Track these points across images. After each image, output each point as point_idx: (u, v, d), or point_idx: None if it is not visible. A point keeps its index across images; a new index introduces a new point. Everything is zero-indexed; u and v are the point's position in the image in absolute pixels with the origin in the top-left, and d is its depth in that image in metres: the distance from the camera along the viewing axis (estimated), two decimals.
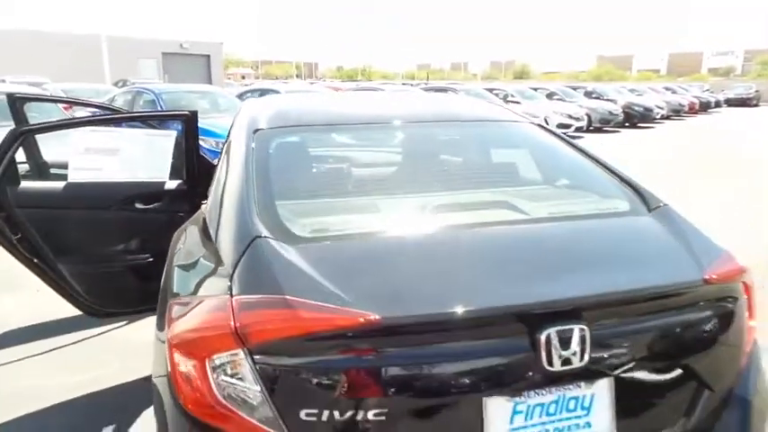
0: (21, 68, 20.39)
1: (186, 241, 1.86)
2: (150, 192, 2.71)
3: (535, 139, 2.22)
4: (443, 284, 1.29)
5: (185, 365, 1.23)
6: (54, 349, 3.19)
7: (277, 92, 11.69)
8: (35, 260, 2.58)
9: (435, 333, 1.21)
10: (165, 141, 2.77)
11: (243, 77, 62.57)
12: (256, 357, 1.16)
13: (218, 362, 1.19)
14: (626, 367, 1.32)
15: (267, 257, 1.32)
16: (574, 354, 1.21)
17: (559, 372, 1.22)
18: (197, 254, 1.66)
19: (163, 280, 1.82)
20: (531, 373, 1.22)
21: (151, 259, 2.75)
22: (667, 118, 21.87)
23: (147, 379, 2.75)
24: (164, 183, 2.75)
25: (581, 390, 1.28)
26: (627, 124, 18.85)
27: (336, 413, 1.15)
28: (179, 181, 2.78)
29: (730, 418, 1.43)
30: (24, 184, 2.56)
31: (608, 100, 19.13)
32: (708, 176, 9.18)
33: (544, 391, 1.25)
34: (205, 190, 2.36)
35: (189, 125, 2.72)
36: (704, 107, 26.33)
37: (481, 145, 2.41)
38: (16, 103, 3.11)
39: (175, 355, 1.25)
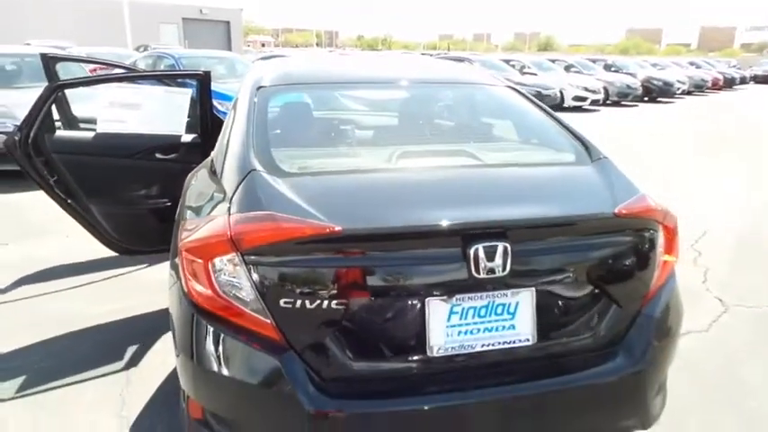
0: (43, 32, 20.77)
1: (197, 180, 2.19)
2: (168, 144, 3.04)
3: (507, 101, 2.48)
4: (397, 207, 1.60)
5: (193, 268, 1.56)
6: (84, 285, 3.60)
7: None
8: (69, 201, 2.94)
9: (386, 242, 1.52)
10: (181, 99, 3.08)
11: (263, 45, 62.38)
12: (247, 258, 1.48)
13: (218, 264, 1.51)
14: (545, 281, 1.61)
15: (259, 185, 1.64)
16: (497, 265, 1.51)
17: (484, 279, 1.51)
18: (205, 188, 1.99)
19: (177, 214, 2.16)
20: (462, 280, 1.52)
21: (169, 204, 3.10)
22: (689, 93, 21.54)
23: (167, 310, 3.16)
24: (180, 136, 3.07)
25: (507, 298, 1.59)
26: (646, 98, 18.68)
27: (307, 302, 1.47)
28: (194, 135, 3.10)
29: (638, 332, 1.72)
30: (59, 132, 2.91)
31: (627, 73, 18.92)
32: (701, 153, 9.28)
33: (476, 297, 1.56)
34: (216, 142, 2.68)
35: (203, 84, 3.02)
36: (729, 83, 25.78)
37: (458, 104, 2.68)
38: (49, 63, 3.43)
39: (185, 260, 1.58)
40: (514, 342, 1.60)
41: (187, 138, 3.09)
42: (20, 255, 4.08)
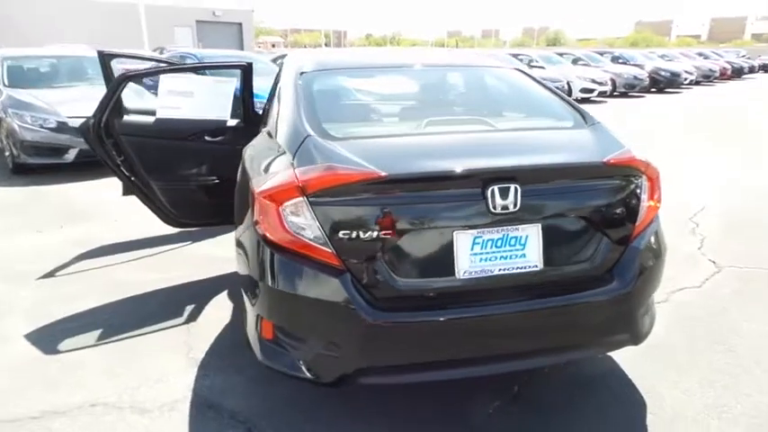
0: (62, 36, 21.33)
1: (254, 151, 2.59)
2: (216, 128, 3.44)
3: (515, 80, 2.86)
4: (428, 159, 1.98)
5: (267, 211, 1.95)
6: (137, 258, 4.04)
7: None
8: (132, 179, 3.36)
9: (421, 184, 1.90)
10: (227, 87, 3.47)
11: (273, 46, 63.04)
12: (311, 201, 1.86)
13: (287, 207, 1.90)
14: (550, 218, 1.98)
15: (315, 146, 2.03)
16: (510, 202, 1.88)
17: (499, 214, 1.89)
18: (265, 153, 2.38)
19: (239, 179, 2.56)
20: (482, 215, 1.90)
21: (217, 181, 3.50)
22: (697, 83, 21.71)
23: (215, 278, 3.61)
24: (226, 121, 3.48)
25: (519, 231, 1.96)
26: (653, 90, 18.90)
27: (360, 233, 1.86)
28: (237, 120, 3.51)
29: (627, 261, 2.08)
30: (126, 117, 3.32)
31: (635, 65, 19.15)
32: (692, 137, 9.59)
33: (494, 230, 1.94)
34: (257, 127, 3.07)
35: (246, 74, 3.42)
36: (737, 73, 25.88)
37: (475, 82, 3.09)
38: (105, 59, 3.85)
39: (261, 205, 1.98)
40: (525, 268, 1.98)
41: (232, 122, 3.49)
42: (75, 235, 4.52)
